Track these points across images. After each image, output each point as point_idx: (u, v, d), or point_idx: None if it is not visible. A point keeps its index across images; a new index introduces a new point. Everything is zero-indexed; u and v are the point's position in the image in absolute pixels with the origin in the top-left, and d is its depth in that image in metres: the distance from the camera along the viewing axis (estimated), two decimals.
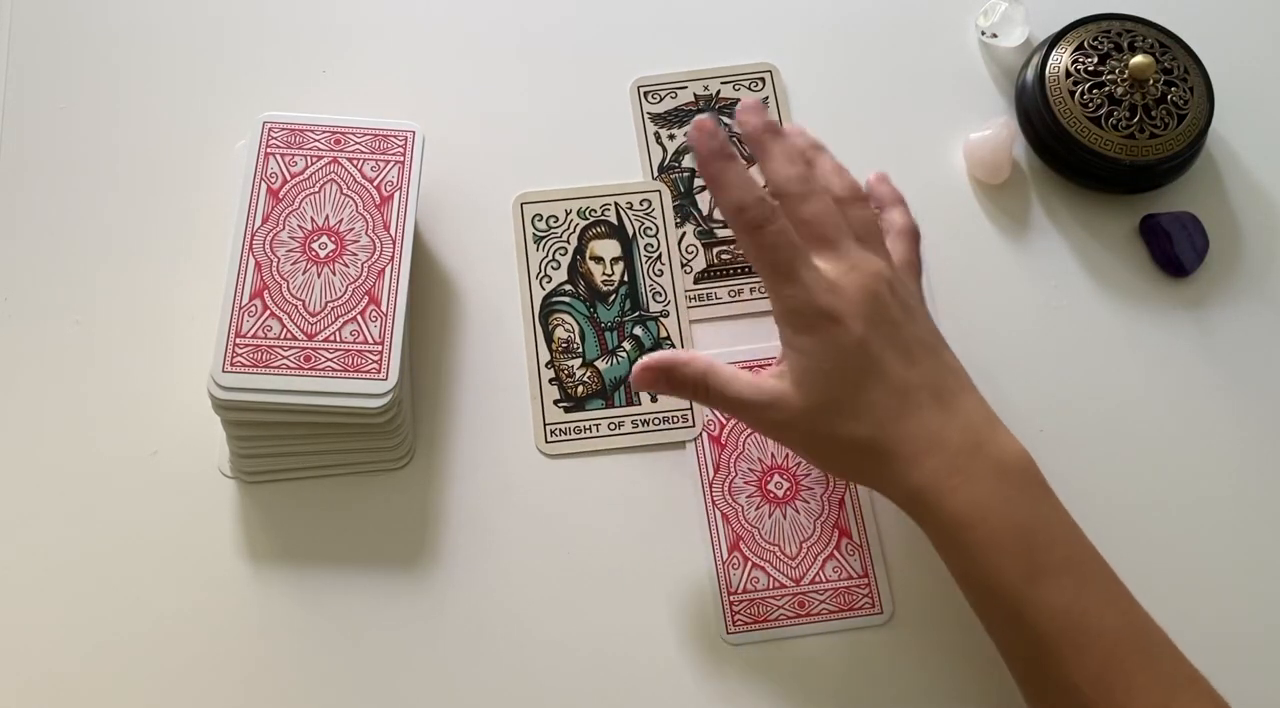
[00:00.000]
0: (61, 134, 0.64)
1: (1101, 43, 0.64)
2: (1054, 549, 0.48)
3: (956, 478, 0.49)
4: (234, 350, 0.53)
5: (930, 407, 0.50)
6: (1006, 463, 0.50)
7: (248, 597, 0.55)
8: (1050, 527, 0.49)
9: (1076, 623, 0.47)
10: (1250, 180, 0.66)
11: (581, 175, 0.64)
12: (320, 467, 0.57)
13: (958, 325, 0.61)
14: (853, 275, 0.51)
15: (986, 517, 0.48)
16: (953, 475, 0.49)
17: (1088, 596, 0.48)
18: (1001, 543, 0.48)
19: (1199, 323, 0.62)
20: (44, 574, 0.55)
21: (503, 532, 0.57)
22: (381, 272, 0.55)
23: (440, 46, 0.67)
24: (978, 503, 0.49)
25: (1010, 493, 0.49)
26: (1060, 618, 0.47)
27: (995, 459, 0.50)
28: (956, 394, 0.51)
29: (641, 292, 0.62)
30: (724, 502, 0.58)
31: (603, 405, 0.59)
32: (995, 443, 0.50)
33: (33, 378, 0.59)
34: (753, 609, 0.56)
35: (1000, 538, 0.48)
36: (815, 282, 0.51)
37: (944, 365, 0.52)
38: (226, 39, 0.67)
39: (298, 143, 0.58)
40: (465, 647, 0.54)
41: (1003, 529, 0.48)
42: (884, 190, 0.60)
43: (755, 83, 0.67)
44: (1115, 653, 0.47)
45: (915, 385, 0.51)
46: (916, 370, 0.51)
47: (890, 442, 0.50)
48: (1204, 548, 0.58)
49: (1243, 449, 0.60)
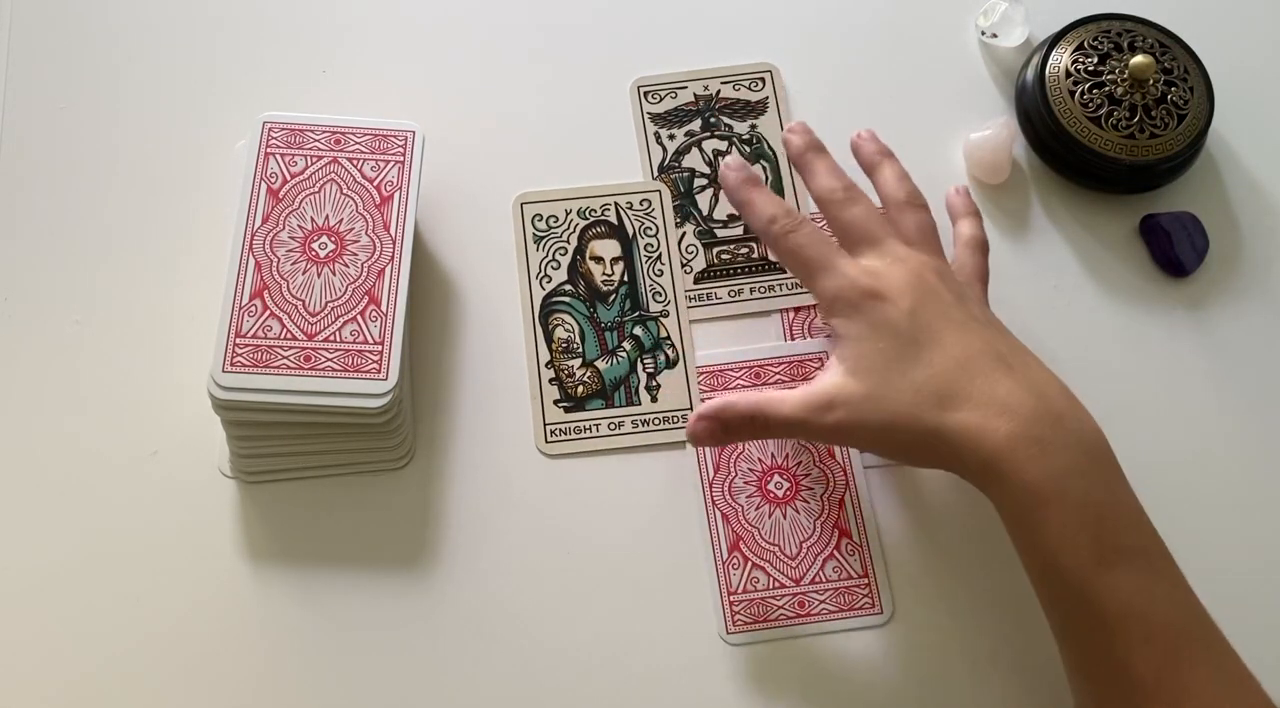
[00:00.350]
0: (61, 134, 0.64)
1: (1101, 43, 0.64)
2: (1126, 534, 0.47)
3: (1034, 447, 0.47)
4: (234, 350, 0.53)
5: (998, 370, 0.49)
6: (1085, 439, 0.48)
7: (248, 597, 0.55)
8: (1124, 511, 0.48)
9: (1143, 611, 0.46)
10: (1250, 180, 0.66)
11: (581, 175, 0.64)
12: (320, 467, 0.57)
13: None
14: (896, 265, 0.52)
15: (1063, 493, 0.47)
16: (1030, 444, 0.47)
17: (1156, 585, 0.47)
18: (1075, 522, 0.47)
19: (1199, 323, 0.62)
20: (44, 574, 0.55)
21: (503, 532, 0.57)
22: (381, 272, 0.55)
23: (440, 46, 0.67)
24: (1055, 477, 0.47)
25: (1088, 470, 0.48)
26: (1128, 604, 0.46)
27: (1074, 433, 0.48)
28: (1026, 362, 0.50)
29: (641, 292, 0.62)
30: (724, 502, 0.58)
31: (603, 405, 0.59)
32: (1074, 416, 0.49)
33: (32, 378, 0.59)
34: (753, 609, 0.56)
35: (1074, 516, 0.47)
36: (855, 268, 0.52)
37: (1009, 337, 0.51)
38: (226, 39, 0.67)
39: (298, 143, 0.58)
40: (465, 647, 0.54)
41: (1077, 507, 0.47)
42: (957, 202, 0.61)
43: (755, 83, 0.67)
44: (1178, 645, 0.46)
45: (977, 351, 0.49)
46: (976, 338, 0.50)
47: (959, 411, 0.48)
48: (1204, 548, 0.57)
49: (1243, 449, 0.60)
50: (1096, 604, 0.46)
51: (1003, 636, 0.55)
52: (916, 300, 0.50)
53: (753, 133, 0.66)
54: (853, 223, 0.54)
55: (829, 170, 0.56)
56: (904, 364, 0.50)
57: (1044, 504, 0.47)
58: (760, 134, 0.66)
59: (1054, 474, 0.47)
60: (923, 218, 0.55)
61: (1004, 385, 0.49)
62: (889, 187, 0.57)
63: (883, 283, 0.51)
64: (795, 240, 0.53)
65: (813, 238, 0.53)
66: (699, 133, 0.66)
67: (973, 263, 0.57)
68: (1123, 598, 0.46)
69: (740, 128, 0.66)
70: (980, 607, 0.55)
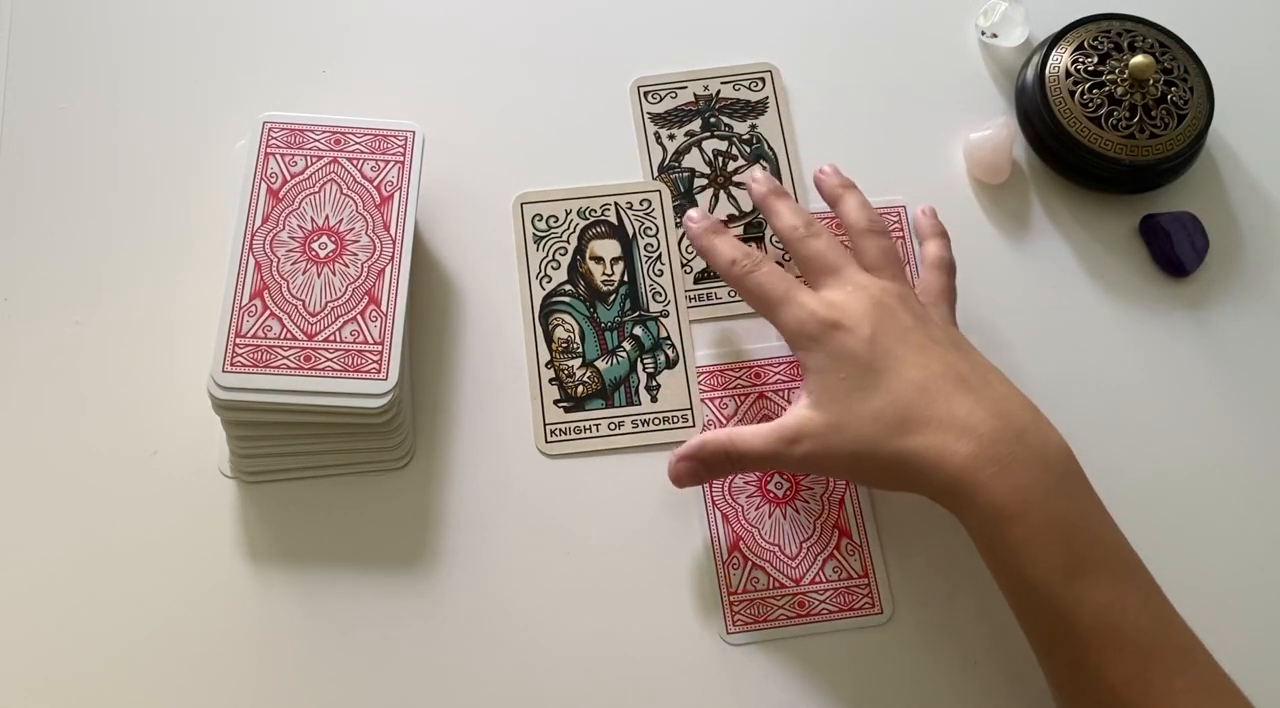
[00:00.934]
0: (61, 134, 0.64)
1: (1101, 43, 0.64)
2: (1094, 546, 0.48)
3: (995, 466, 0.48)
4: (234, 350, 0.53)
5: (958, 392, 0.50)
6: (1048, 453, 0.49)
7: (248, 597, 0.55)
8: (1091, 523, 0.48)
9: (1115, 623, 0.46)
10: (1250, 180, 0.66)
11: (581, 175, 0.64)
12: (320, 467, 0.57)
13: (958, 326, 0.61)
14: (856, 293, 0.53)
15: (1027, 509, 0.47)
16: (990, 463, 0.48)
17: (1127, 595, 0.47)
18: (1042, 536, 0.47)
19: (1199, 323, 0.62)
20: (43, 574, 0.55)
21: (503, 532, 0.57)
22: (381, 272, 0.55)
23: (440, 46, 0.67)
24: (1017, 493, 0.48)
25: (1051, 484, 0.48)
26: (1099, 616, 0.46)
27: (1036, 449, 0.49)
28: (990, 383, 0.51)
29: (641, 292, 0.62)
30: (724, 502, 0.58)
31: (603, 405, 0.59)
32: (1036, 432, 0.49)
33: (32, 378, 0.59)
34: (753, 609, 0.56)
35: (1041, 531, 0.47)
36: (814, 300, 0.53)
37: (971, 357, 0.52)
38: (226, 39, 0.67)
39: (298, 143, 0.58)
40: (465, 646, 0.54)
41: (1044, 522, 0.47)
42: (924, 223, 0.61)
43: (755, 83, 0.67)
44: (1152, 655, 0.46)
45: (937, 373, 0.50)
46: (936, 360, 0.51)
47: (921, 437, 0.49)
48: (1204, 548, 0.58)
49: (1243, 449, 0.60)
50: (1067, 617, 0.47)
51: (1002, 635, 0.55)
52: (875, 327, 0.51)
53: (753, 133, 0.66)
54: (813, 256, 0.55)
55: (790, 210, 0.58)
56: (865, 392, 0.50)
57: (1008, 520, 0.48)
58: (760, 134, 0.66)
59: (1017, 490, 0.48)
60: (883, 244, 0.56)
61: (963, 406, 0.49)
62: (851, 215, 0.58)
63: (842, 313, 0.52)
64: (755, 279, 0.55)
65: (772, 275, 0.55)
66: (699, 133, 0.66)
67: (938, 284, 0.58)
68: (1092, 610, 0.47)
69: (740, 128, 0.66)
70: (980, 607, 0.55)
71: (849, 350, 0.51)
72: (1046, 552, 0.47)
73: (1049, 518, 0.47)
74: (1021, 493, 0.48)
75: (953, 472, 0.49)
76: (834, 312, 0.52)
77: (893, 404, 0.50)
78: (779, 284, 0.54)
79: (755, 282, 0.55)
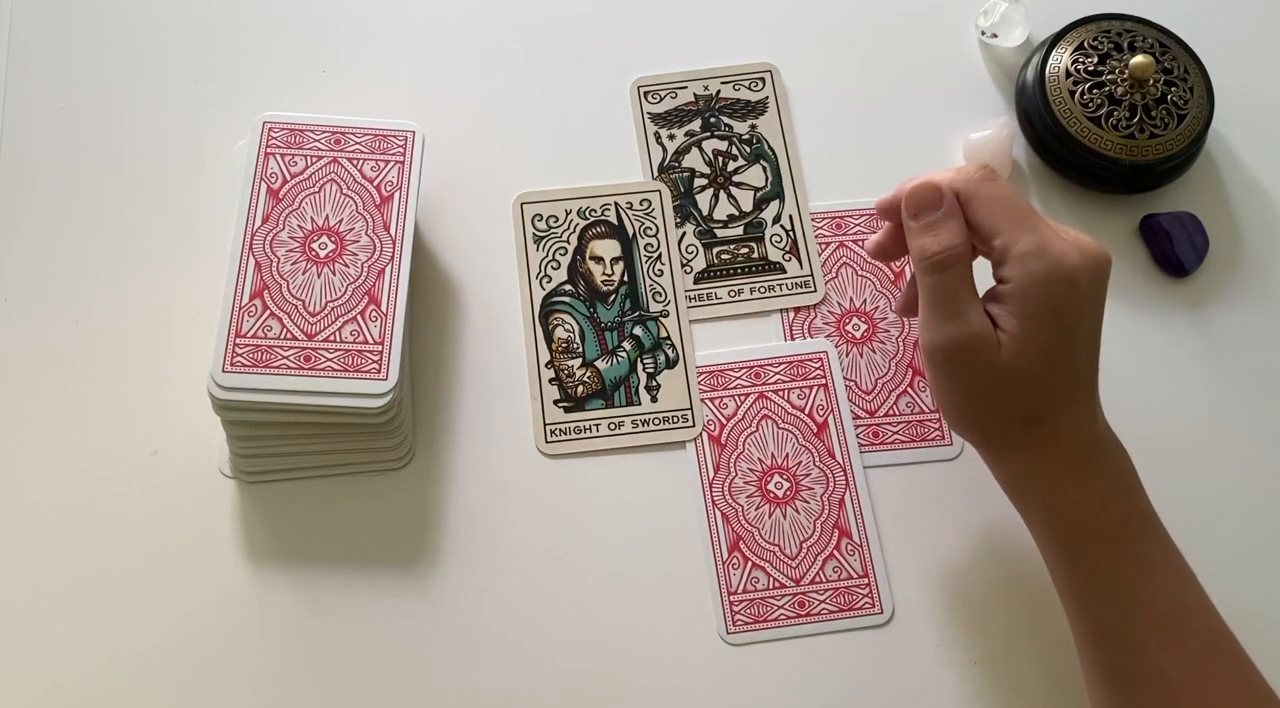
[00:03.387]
0: (61, 134, 0.64)
1: (1101, 43, 0.64)
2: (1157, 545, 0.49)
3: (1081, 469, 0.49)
4: (234, 350, 0.53)
5: (1090, 397, 0.51)
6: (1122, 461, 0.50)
7: (248, 597, 0.55)
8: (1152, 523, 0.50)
9: (1179, 617, 0.47)
10: (1250, 180, 0.66)
11: (581, 175, 0.64)
12: (320, 467, 0.57)
13: None
14: (1085, 243, 0.50)
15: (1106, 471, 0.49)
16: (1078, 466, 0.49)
17: (1189, 593, 0.48)
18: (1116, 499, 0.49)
19: (1199, 323, 0.62)
20: (44, 574, 0.55)
21: (503, 532, 0.57)
22: (381, 272, 0.55)
23: (440, 47, 0.67)
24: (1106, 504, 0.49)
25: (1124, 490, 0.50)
26: (1166, 609, 0.48)
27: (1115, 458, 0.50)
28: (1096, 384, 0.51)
29: (641, 291, 0.62)
30: (724, 502, 0.58)
31: (603, 405, 0.59)
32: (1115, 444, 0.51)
33: (32, 378, 0.59)
34: (753, 609, 0.56)
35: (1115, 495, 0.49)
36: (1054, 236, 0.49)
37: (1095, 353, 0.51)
38: (226, 39, 0.67)
39: (298, 143, 0.58)
40: (465, 646, 0.54)
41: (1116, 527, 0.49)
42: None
43: (755, 83, 0.67)
44: (1210, 651, 0.47)
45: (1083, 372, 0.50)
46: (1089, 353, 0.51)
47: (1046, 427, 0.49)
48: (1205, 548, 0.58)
49: (1243, 449, 0.60)
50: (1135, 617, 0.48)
51: (1002, 636, 0.55)
52: (1089, 293, 0.49)
53: (753, 133, 0.66)
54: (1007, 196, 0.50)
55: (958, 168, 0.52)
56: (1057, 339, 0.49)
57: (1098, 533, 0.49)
58: (760, 134, 0.66)
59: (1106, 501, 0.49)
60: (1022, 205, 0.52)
61: (1084, 412, 0.50)
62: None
63: (1074, 266, 0.48)
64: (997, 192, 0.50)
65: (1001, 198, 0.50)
66: (699, 133, 0.66)
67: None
68: (1161, 608, 0.48)
69: (740, 128, 0.66)
70: (980, 607, 0.55)
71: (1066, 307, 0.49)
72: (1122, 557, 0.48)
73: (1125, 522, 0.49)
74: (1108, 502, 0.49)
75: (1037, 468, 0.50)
76: (1107, 255, 0.49)
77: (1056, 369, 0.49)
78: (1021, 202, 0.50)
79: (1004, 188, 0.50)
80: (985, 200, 0.50)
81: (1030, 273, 0.48)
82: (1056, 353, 0.49)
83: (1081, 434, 0.50)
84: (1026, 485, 0.51)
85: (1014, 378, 0.49)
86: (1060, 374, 0.49)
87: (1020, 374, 0.49)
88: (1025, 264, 0.48)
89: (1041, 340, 0.49)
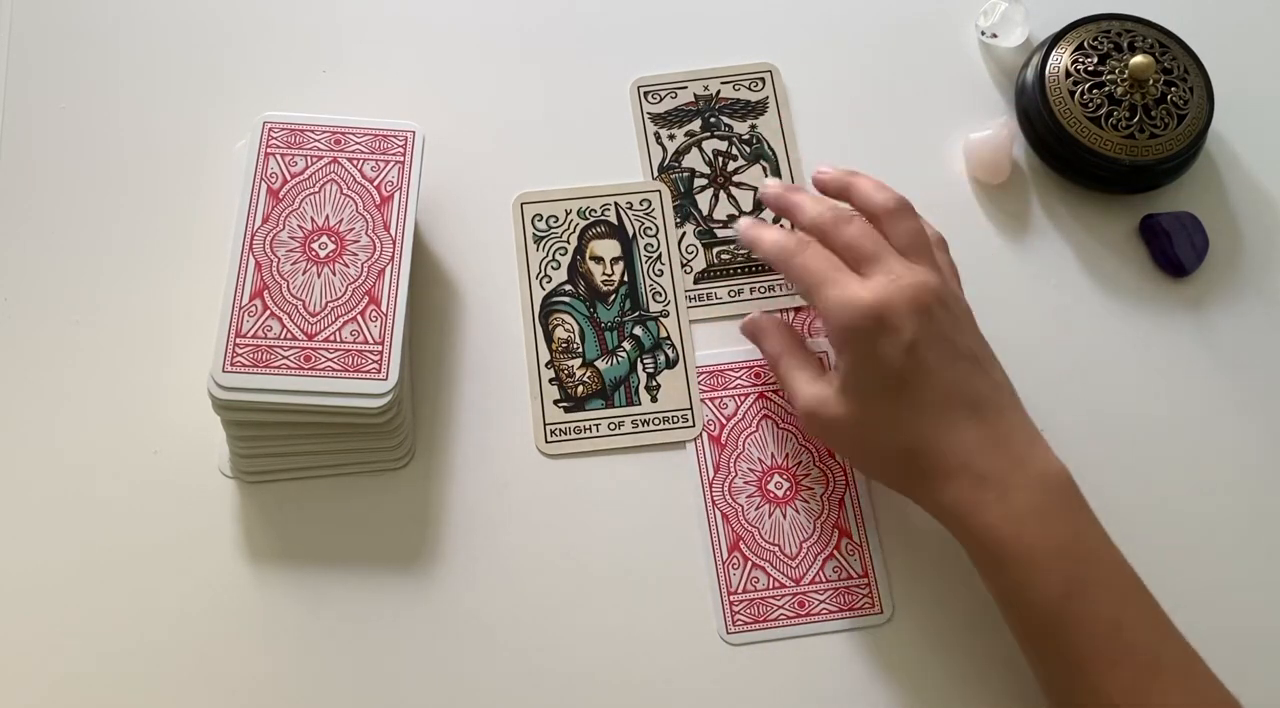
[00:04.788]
0: (61, 134, 0.64)
1: (1101, 43, 0.64)
2: (1090, 565, 0.49)
3: (991, 493, 0.49)
4: (234, 350, 0.53)
5: (969, 421, 0.51)
6: (1046, 480, 0.50)
7: (248, 597, 0.55)
8: (1087, 543, 0.49)
9: (1111, 638, 0.47)
10: (1250, 180, 0.66)
11: (581, 175, 0.64)
12: (320, 467, 0.57)
13: None
14: (898, 285, 0.52)
15: (1021, 533, 0.49)
16: (988, 491, 0.49)
17: (1124, 611, 0.48)
18: (1040, 560, 0.48)
19: (1199, 323, 0.62)
20: (44, 574, 0.55)
21: (503, 532, 0.57)
22: (381, 272, 0.55)
23: (440, 46, 0.67)
24: (1012, 518, 0.49)
25: (1047, 509, 0.49)
26: (1096, 633, 0.47)
27: (1034, 476, 0.50)
28: (1000, 410, 0.52)
29: (641, 292, 0.62)
30: (724, 502, 0.58)
31: (603, 405, 0.59)
32: (1035, 460, 0.50)
33: (32, 378, 0.59)
34: (753, 609, 0.56)
35: (1038, 555, 0.48)
36: (859, 285, 0.52)
37: (989, 380, 0.52)
38: (226, 39, 0.67)
39: (298, 143, 0.58)
40: (465, 646, 0.54)
41: (1041, 546, 0.48)
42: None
43: (755, 83, 0.67)
44: (1150, 670, 0.47)
45: (956, 400, 0.51)
46: (959, 384, 0.51)
47: (927, 457, 0.51)
48: (1205, 548, 0.58)
49: (1243, 449, 0.60)
50: (1067, 637, 0.48)
51: (1002, 635, 0.55)
52: (916, 332, 0.51)
53: (753, 133, 0.66)
54: (849, 243, 0.54)
55: (813, 200, 0.57)
56: (890, 398, 0.51)
57: (1005, 545, 0.49)
58: (760, 134, 0.66)
59: (1014, 516, 0.49)
60: (911, 225, 0.55)
61: (971, 434, 0.50)
62: (872, 199, 0.56)
63: (887, 306, 0.51)
64: (800, 261, 0.54)
65: (818, 257, 0.54)
66: (699, 133, 0.66)
67: (947, 262, 0.57)
68: (1090, 628, 0.47)
69: (740, 128, 0.66)
70: (980, 607, 0.55)
71: (885, 356, 0.51)
72: (1044, 575, 0.48)
73: (1045, 542, 0.48)
74: (1017, 519, 0.49)
75: (950, 497, 0.50)
76: (879, 304, 0.51)
77: (909, 420, 0.51)
78: (823, 265, 0.53)
79: (800, 263, 0.54)
80: (791, 270, 0.55)
81: (829, 329, 0.53)
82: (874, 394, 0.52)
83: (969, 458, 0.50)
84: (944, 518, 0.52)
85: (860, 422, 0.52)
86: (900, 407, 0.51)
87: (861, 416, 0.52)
88: (826, 324, 0.53)
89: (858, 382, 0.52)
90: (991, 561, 0.50)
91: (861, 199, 0.57)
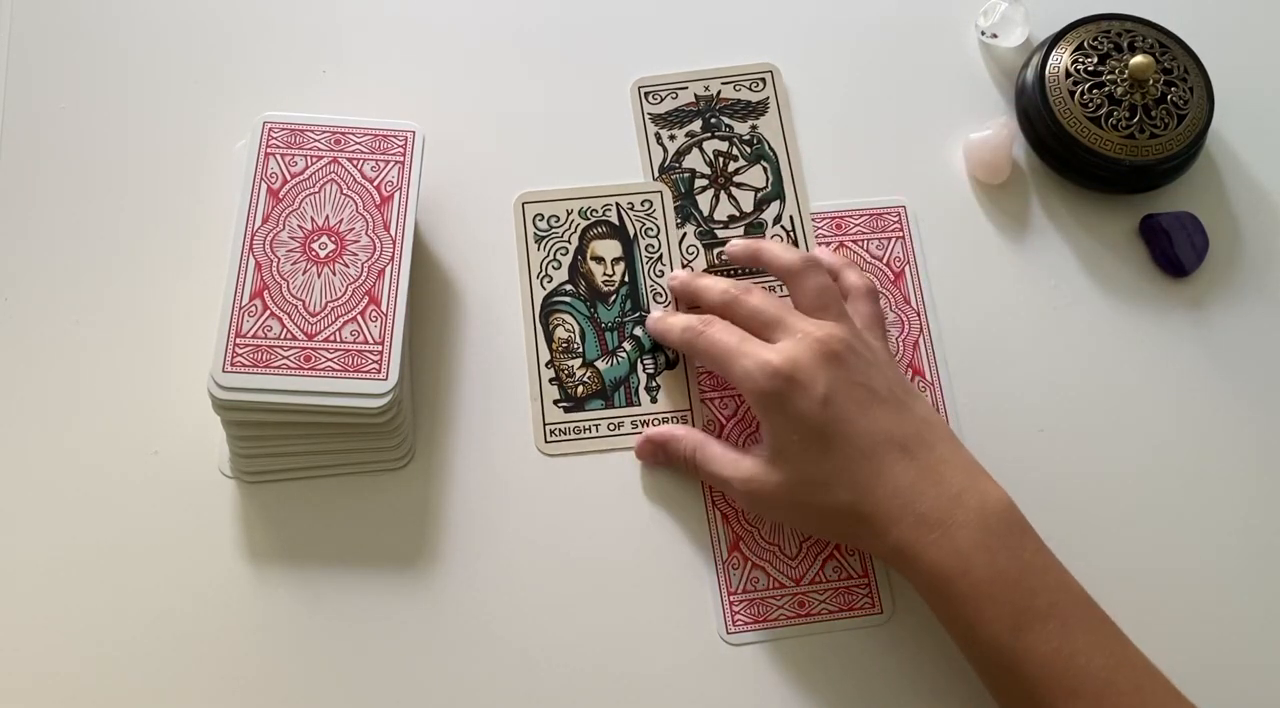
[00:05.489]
0: (61, 134, 0.64)
1: (1101, 43, 0.65)
2: (1039, 595, 0.49)
3: (935, 532, 0.49)
4: (234, 350, 0.53)
5: (901, 462, 0.51)
6: (987, 512, 0.50)
7: (248, 597, 0.55)
8: (1034, 573, 0.49)
9: (1065, 668, 0.47)
10: (1250, 180, 0.66)
11: (582, 175, 0.64)
12: (320, 467, 0.57)
13: (957, 326, 0.61)
14: (804, 343, 0.53)
15: (968, 569, 0.49)
16: (931, 530, 0.49)
17: (1075, 639, 0.48)
18: (986, 595, 0.48)
19: (1199, 323, 0.62)
20: (44, 574, 0.55)
21: (503, 532, 0.57)
22: (381, 272, 0.55)
23: (440, 47, 0.67)
24: (958, 555, 0.49)
25: (991, 542, 0.49)
26: (1049, 664, 0.47)
27: (974, 509, 0.50)
28: (932, 445, 0.52)
29: (642, 292, 0.62)
30: (724, 502, 0.58)
31: (603, 406, 0.59)
32: (974, 492, 0.50)
33: (32, 378, 0.59)
34: (753, 609, 0.56)
35: (985, 590, 0.48)
36: (765, 349, 0.53)
37: (914, 417, 0.53)
38: (226, 39, 0.67)
39: (298, 143, 0.58)
40: (465, 646, 0.54)
41: (987, 581, 0.48)
42: (830, 260, 0.60)
43: (755, 83, 0.67)
44: (1107, 695, 0.47)
45: (884, 443, 0.51)
46: (884, 426, 0.51)
47: (866, 505, 0.51)
48: (1204, 547, 0.58)
49: (1243, 449, 0.60)
50: (1019, 670, 0.48)
51: None
52: (829, 385, 0.51)
53: (753, 133, 0.66)
54: (752, 313, 0.55)
55: (713, 281, 0.58)
56: (815, 455, 0.52)
57: (951, 583, 0.49)
58: (760, 135, 0.66)
59: (957, 553, 0.49)
60: (819, 282, 0.56)
61: (905, 474, 0.51)
62: (778, 261, 0.57)
63: (795, 365, 0.52)
64: (706, 339, 0.55)
65: (723, 331, 0.55)
66: (700, 133, 0.66)
67: (867, 311, 0.57)
68: (1042, 660, 0.47)
69: (741, 128, 0.66)
70: None
71: (803, 413, 0.51)
72: (992, 610, 0.48)
73: (992, 576, 0.49)
74: (962, 555, 0.49)
75: (894, 541, 0.50)
76: (787, 364, 0.52)
77: (841, 472, 0.51)
78: (729, 338, 0.54)
79: (706, 341, 0.55)
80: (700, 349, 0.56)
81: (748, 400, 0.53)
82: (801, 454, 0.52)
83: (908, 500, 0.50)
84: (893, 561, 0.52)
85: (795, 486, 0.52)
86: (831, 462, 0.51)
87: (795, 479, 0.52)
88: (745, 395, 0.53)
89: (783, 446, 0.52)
90: (941, 599, 0.50)
91: (769, 262, 0.58)
